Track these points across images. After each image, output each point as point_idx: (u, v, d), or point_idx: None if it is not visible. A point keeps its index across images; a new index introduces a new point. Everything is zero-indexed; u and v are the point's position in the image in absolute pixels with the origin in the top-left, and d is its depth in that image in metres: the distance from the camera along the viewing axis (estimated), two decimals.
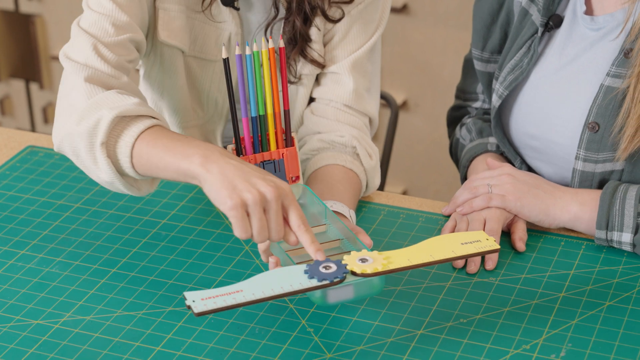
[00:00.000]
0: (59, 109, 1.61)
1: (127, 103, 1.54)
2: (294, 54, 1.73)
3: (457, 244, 1.45)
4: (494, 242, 1.45)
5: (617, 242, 1.61)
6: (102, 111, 1.53)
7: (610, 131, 1.63)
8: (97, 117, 1.53)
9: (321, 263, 1.40)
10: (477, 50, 1.83)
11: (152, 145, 1.51)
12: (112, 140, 1.53)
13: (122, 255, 1.63)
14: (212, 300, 1.34)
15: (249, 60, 1.53)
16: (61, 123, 1.59)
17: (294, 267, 1.41)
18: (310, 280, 1.38)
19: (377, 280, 1.43)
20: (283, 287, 1.37)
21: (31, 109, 3.66)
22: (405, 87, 3.23)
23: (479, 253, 1.44)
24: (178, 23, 1.72)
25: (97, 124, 1.53)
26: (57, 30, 3.51)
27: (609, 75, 1.63)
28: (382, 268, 1.40)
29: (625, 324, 1.48)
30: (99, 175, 1.57)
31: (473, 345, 1.44)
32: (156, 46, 1.76)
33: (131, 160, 1.52)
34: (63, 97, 1.60)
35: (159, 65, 1.79)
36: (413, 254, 1.43)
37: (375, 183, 1.77)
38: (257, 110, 1.56)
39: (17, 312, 1.52)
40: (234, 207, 1.39)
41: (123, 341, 1.46)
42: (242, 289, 1.36)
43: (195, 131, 1.83)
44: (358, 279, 1.40)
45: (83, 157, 1.56)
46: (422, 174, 3.31)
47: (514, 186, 1.66)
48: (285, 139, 1.59)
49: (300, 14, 1.70)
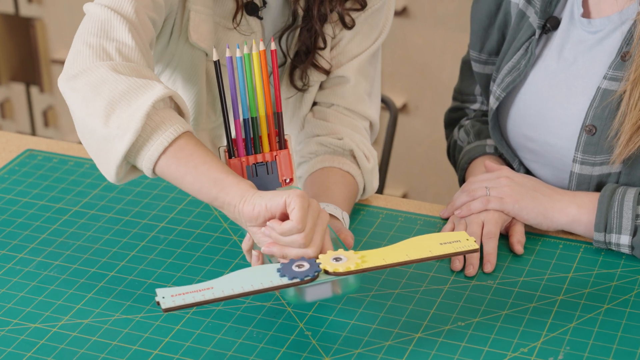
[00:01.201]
0: (77, 54, 1.50)
1: (145, 97, 1.43)
2: (307, 63, 1.73)
3: (436, 243, 1.44)
4: (474, 243, 1.44)
5: (616, 245, 1.61)
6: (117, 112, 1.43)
7: (607, 134, 1.63)
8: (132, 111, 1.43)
9: (295, 262, 1.40)
10: (475, 51, 1.83)
11: (180, 164, 1.44)
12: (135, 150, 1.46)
13: (120, 258, 1.63)
14: (181, 297, 1.34)
15: (240, 63, 1.53)
16: (69, 90, 1.48)
17: (268, 265, 1.41)
18: (282, 279, 1.38)
19: (353, 279, 1.42)
20: (253, 284, 1.37)
21: (31, 112, 3.66)
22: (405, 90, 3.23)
23: (456, 253, 1.43)
24: (206, 27, 1.71)
25: (129, 121, 1.43)
26: (58, 33, 3.51)
27: (606, 78, 1.63)
28: (355, 267, 1.39)
29: (624, 326, 1.48)
30: (105, 166, 1.49)
31: (471, 348, 1.44)
32: (178, 47, 1.74)
33: (153, 172, 1.46)
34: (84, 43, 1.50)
35: (176, 68, 1.77)
36: (389, 253, 1.42)
37: (374, 186, 1.77)
38: (249, 112, 1.56)
39: (15, 316, 1.51)
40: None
41: (121, 344, 1.46)
42: (212, 286, 1.36)
43: (204, 134, 1.83)
44: (330, 277, 1.40)
45: (92, 150, 1.48)
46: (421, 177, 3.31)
47: (512, 189, 1.66)
48: (278, 141, 1.59)
49: (321, 19, 1.71)
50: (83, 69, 1.48)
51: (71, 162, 1.88)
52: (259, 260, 1.45)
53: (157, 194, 1.79)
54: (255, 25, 1.73)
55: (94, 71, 1.47)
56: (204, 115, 1.81)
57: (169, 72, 1.78)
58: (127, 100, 1.45)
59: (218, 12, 1.72)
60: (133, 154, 1.46)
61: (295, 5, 1.71)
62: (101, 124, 1.45)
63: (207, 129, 1.83)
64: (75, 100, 1.48)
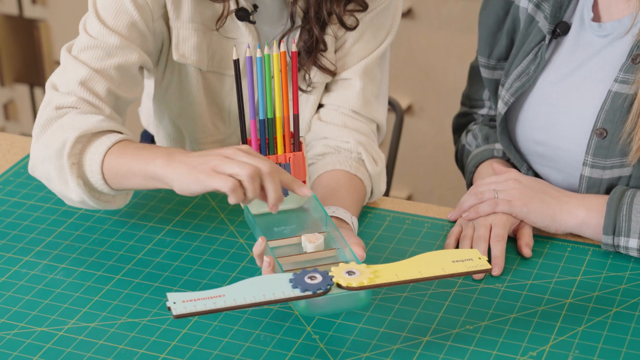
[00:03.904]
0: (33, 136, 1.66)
1: (91, 121, 1.58)
2: (309, 63, 1.72)
3: (448, 261, 1.43)
4: (486, 262, 1.43)
5: (624, 248, 1.61)
6: (66, 133, 1.57)
7: (618, 137, 1.63)
8: (62, 139, 1.57)
9: (307, 273, 1.39)
10: (484, 57, 1.82)
11: (120, 157, 1.55)
12: (81, 159, 1.58)
13: (126, 261, 1.63)
14: (193, 303, 1.33)
15: (259, 63, 1.53)
16: (32, 149, 1.64)
17: (280, 275, 1.40)
18: (294, 290, 1.37)
19: (363, 294, 1.41)
20: (265, 294, 1.36)
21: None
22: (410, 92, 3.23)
23: (468, 272, 1.42)
24: (192, 41, 1.71)
25: (63, 145, 1.57)
26: (61, 34, 3.51)
27: (616, 82, 1.63)
28: (368, 282, 1.38)
29: (633, 330, 1.47)
30: (69, 196, 1.61)
31: (479, 352, 1.44)
32: (173, 64, 1.76)
33: (103, 176, 1.57)
34: (36, 126, 1.65)
35: (177, 83, 1.78)
36: (401, 269, 1.41)
37: (381, 189, 1.76)
38: (266, 113, 1.55)
39: (21, 319, 1.51)
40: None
41: (127, 348, 1.45)
42: (224, 294, 1.35)
43: (216, 146, 1.83)
44: (342, 292, 1.39)
45: (55, 180, 1.61)
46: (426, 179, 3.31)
47: (521, 192, 1.65)
48: (293, 143, 1.58)
49: (319, 22, 1.70)
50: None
51: None
52: (269, 266, 1.45)
53: (163, 197, 1.78)
54: (249, 32, 1.72)
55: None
56: (211, 127, 1.81)
57: (173, 88, 1.79)
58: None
59: (208, 24, 1.72)
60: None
61: (293, 7, 1.71)
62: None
63: (218, 140, 1.83)
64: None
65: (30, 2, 3.48)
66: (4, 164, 1.89)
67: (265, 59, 1.53)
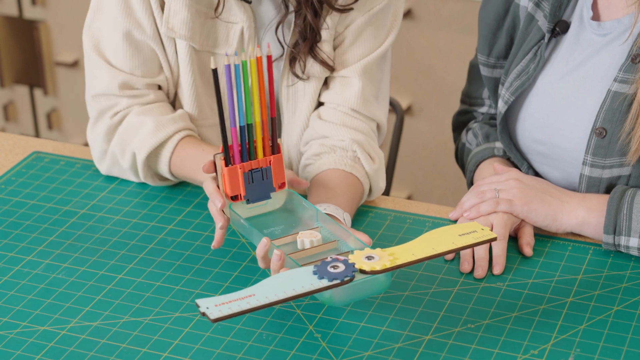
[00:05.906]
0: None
1: (146, 134, 1.76)
2: (304, 49, 1.73)
3: (455, 235, 1.45)
4: (490, 232, 1.45)
5: (625, 247, 1.61)
6: (132, 149, 1.77)
7: (617, 136, 1.63)
8: (131, 159, 1.78)
9: (328, 263, 1.40)
10: (483, 55, 1.82)
11: (181, 168, 1.76)
12: (154, 169, 1.80)
13: (128, 261, 1.63)
14: (227, 305, 1.33)
15: (237, 70, 1.52)
16: (101, 162, 1.85)
17: (301, 269, 1.40)
18: (321, 281, 1.38)
19: (384, 278, 1.42)
20: (295, 289, 1.36)
21: (35, 114, 3.66)
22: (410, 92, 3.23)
23: (478, 243, 1.44)
24: (182, 16, 1.72)
25: (133, 163, 1.79)
26: (61, 35, 3.51)
27: (616, 81, 1.63)
28: (391, 264, 1.40)
29: (634, 328, 1.47)
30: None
31: (481, 350, 1.44)
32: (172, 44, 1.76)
33: (172, 175, 1.78)
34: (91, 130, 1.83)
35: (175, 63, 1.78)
36: (416, 248, 1.43)
37: (380, 186, 1.77)
38: (245, 119, 1.55)
39: (23, 319, 1.51)
40: None
41: (130, 347, 1.46)
42: (254, 293, 1.35)
43: (214, 130, 1.82)
44: (367, 276, 1.40)
45: (132, 177, 1.84)
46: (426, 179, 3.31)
47: (522, 191, 1.65)
48: (271, 145, 1.58)
49: (310, 7, 1.70)
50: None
51: (78, 164, 1.88)
52: (280, 259, 1.45)
53: (165, 196, 1.79)
54: (244, 12, 1.72)
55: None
56: (207, 110, 1.80)
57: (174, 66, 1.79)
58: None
59: (202, 1, 1.72)
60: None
61: None
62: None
63: (215, 124, 1.82)
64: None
65: (30, 3, 3.48)
66: (6, 164, 1.89)
67: (242, 65, 1.53)
